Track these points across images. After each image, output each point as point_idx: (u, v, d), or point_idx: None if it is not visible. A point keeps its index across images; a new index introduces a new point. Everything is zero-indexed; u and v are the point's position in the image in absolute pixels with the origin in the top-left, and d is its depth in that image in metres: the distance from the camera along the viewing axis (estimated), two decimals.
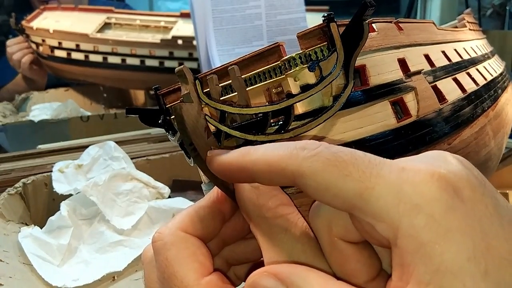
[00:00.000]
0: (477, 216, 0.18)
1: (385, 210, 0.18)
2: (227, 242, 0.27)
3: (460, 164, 0.19)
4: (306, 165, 0.19)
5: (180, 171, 0.78)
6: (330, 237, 0.21)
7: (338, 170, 0.19)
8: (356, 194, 0.19)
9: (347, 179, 0.19)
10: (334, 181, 0.19)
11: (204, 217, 0.25)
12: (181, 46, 1.24)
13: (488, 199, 0.18)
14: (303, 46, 0.25)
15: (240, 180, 0.23)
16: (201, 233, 0.25)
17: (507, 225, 0.18)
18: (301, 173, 0.19)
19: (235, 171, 0.22)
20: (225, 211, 0.26)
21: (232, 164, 0.22)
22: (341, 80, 0.24)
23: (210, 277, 0.23)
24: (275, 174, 0.20)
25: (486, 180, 0.19)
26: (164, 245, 0.24)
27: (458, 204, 0.18)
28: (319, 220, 0.22)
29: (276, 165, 0.20)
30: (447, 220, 0.17)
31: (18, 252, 0.57)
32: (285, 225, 0.23)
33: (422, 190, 0.18)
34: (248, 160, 0.21)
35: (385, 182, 0.18)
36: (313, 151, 0.20)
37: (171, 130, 0.28)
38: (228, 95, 0.26)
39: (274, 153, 0.20)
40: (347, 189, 0.19)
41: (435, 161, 0.19)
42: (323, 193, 0.19)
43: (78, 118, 1.09)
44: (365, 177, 0.19)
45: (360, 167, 0.19)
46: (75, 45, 1.28)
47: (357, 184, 0.19)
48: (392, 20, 0.31)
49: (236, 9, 0.96)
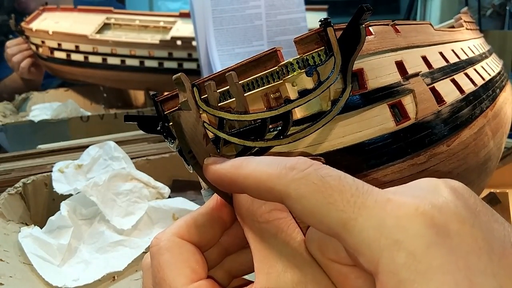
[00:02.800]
0: (463, 252, 0.17)
1: (366, 243, 0.18)
2: (229, 250, 0.27)
3: (452, 195, 0.19)
4: (293, 187, 0.19)
5: (180, 171, 0.78)
6: (324, 259, 0.21)
7: (323, 197, 0.19)
8: (340, 224, 0.18)
9: (331, 208, 0.18)
10: (318, 208, 0.19)
11: (202, 224, 0.25)
12: (180, 46, 1.24)
13: (478, 232, 0.18)
14: (301, 51, 0.25)
15: (231, 191, 0.23)
16: (199, 240, 0.25)
17: (497, 258, 0.17)
18: (288, 195, 0.19)
19: (227, 183, 0.22)
20: (225, 218, 0.26)
21: (225, 175, 0.22)
22: (339, 85, 0.25)
23: (199, 283, 0.23)
24: (263, 192, 0.20)
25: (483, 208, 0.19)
26: (158, 249, 0.24)
27: (441, 240, 0.17)
28: (311, 243, 0.22)
29: (264, 184, 0.20)
30: (428, 257, 0.17)
31: (19, 252, 0.57)
32: (276, 230, 0.23)
33: (404, 225, 0.17)
34: (240, 174, 0.21)
35: (368, 214, 0.18)
36: (301, 173, 0.19)
37: (170, 136, 0.28)
38: (226, 100, 0.26)
39: (264, 171, 0.20)
40: (331, 217, 0.18)
41: (425, 193, 0.19)
42: (308, 217, 0.19)
43: (78, 118, 1.09)
44: (349, 206, 0.18)
45: (346, 195, 0.18)
46: (75, 46, 1.28)
47: (340, 214, 0.18)
48: (389, 23, 0.31)
49: (236, 9, 0.96)
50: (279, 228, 0.23)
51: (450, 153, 0.31)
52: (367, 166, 0.25)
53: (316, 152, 0.25)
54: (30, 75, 1.41)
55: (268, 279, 0.22)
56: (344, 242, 0.19)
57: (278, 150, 0.25)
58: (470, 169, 0.32)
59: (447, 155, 0.31)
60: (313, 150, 0.25)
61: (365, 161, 0.25)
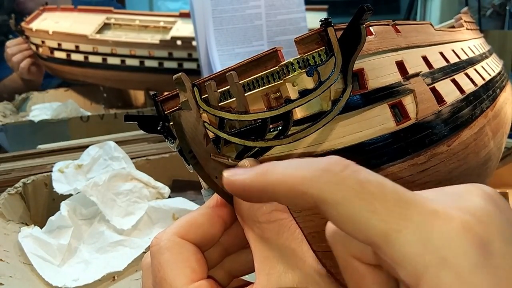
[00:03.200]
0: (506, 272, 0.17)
1: (409, 258, 0.17)
2: (229, 250, 0.27)
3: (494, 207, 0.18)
4: (329, 192, 0.18)
5: (180, 171, 0.78)
6: (345, 255, 0.20)
7: (364, 205, 0.18)
8: (381, 235, 0.17)
9: (373, 217, 0.17)
10: (358, 216, 0.18)
11: (202, 224, 0.25)
12: (180, 46, 1.24)
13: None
14: (301, 51, 0.25)
15: (259, 201, 0.21)
16: (199, 240, 0.25)
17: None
18: (323, 200, 0.18)
19: (255, 193, 0.21)
20: (225, 218, 0.26)
21: (251, 185, 0.20)
22: (340, 85, 0.24)
23: (200, 283, 0.23)
24: (295, 197, 0.19)
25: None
26: (159, 249, 0.24)
27: (487, 261, 0.17)
28: (334, 235, 0.21)
29: (297, 189, 0.19)
30: (474, 278, 0.16)
31: (19, 251, 0.57)
32: (277, 230, 0.23)
33: (451, 242, 0.17)
34: (268, 181, 0.20)
35: (414, 228, 0.17)
36: (337, 177, 0.18)
37: (170, 136, 0.28)
38: (227, 100, 0.26)
39: (295, 175, 0.19)
40: (371, 226, 0.17)
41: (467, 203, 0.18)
42: (345, 225, 0.18)
43: (78, 118, 1.09)
44: (392, 217, 0.17)
45: (388, 204, 0.18)
46: (75, 46, 1.28)
47: (383, 224, 0.17)
48: (390, 23, 0.31)
49: (236, 9, 0.96)
50: (280, 229, 0.23)
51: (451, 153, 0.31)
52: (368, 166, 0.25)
53: (316, 152, 0.25)
54: (30, 75, 1.41)
55: (269, 279, 0.22)
56: (382, 253, 0.18)
57: (278, 150, 0.25)
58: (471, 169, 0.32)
59: (447, 155, 0.31)
60: (313, 150, 0.25)
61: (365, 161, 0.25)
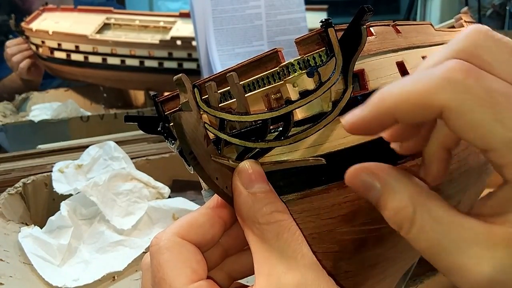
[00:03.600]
0: None
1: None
2: (229, 252, 0.27)
3: None
4: (455, 101, 0.18)
5: (180, 171, 0.78)
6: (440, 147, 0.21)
7: (491, 113, 0.18)
8: (502, 142, 0.18)
9: (498, 125, 0.18)
10: (483, 124, 0.18)
11: (202, 224, 0.25)
12: (180, 46, 1.24)
13: None
14: (301, 52, 0.25)
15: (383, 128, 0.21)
16: (199, 240, 0.25)
17: None
18: (450, 109, 0.18)
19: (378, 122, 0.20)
20: (225, 219, 0.26)
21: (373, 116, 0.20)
22: (340, 85, 0.24)
23: (199, 283, 0.23)
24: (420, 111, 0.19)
25: None
26: (158, 249, 0.24)
27: None
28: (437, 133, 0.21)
29: (422, 102, 0.19)
30: None
31: (19, 251, 0.57)
32: (277, 232, 0.23)
33: None
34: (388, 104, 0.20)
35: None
36: (462, 85, 0.18)
37: (171, 137, 0.28)
38: (227, 101, 0.26)
39: (416, 89, 0.19)
40: (495, 134, 0.18)
41: None
42: (468, 133, 0.19)
43: (78, 118, 1.09)
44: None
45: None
46: (75, 46, 1.28)
47: (507, 134, 0.18)
48: (390, 23, 0.31)
49: (236, 9, 0.96)
50: (280, 230, 0.23)
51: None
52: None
53: (317, 153, 0.25)
54: (29, 75, 1.41)
55: (269, 281, 0.22)
56: (497, 157, 0.18)
57: (279, 151, 0.25)
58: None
59: None
60: (314, 151, 0.25)
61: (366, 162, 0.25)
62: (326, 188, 0.25)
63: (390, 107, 0.20)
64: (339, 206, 0.25)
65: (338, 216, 0.26)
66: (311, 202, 0.26)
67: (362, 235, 0.26)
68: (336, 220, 0.26)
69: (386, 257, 0.28)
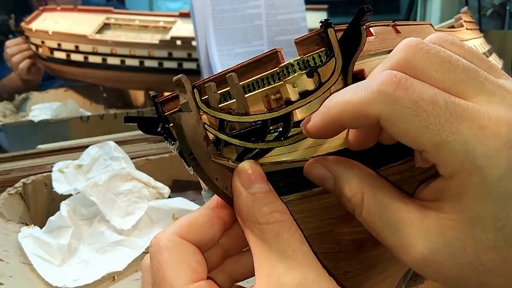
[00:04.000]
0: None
1: (451, 162, 0.20)
2: (229, 252, 0.27)
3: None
4: (386, 111, 0.21)
5: (180, 171, 0.78)
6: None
7: (418, 121, 0.20)
8: (432, 144, 0.20)
9: (426, 130, 0.20)
10: (413, 130, 0.20)
11: (202, 224, 0.25)
12: (180, 46, 1.24)
13: None
14: (301, 52, 0.25)
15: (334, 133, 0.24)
16: (199, 240, 0.25)
17: None
18: (383, 119, 0.21)
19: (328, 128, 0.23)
20: (225, 219, 0.26)
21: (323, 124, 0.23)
22: (340, 85, 0.24)
23: (200, 283, 0.23)
24: (360, 120, 0.22)
25: None
26: (159, 249, 0.24)
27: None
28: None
29: (359, 113, 0.21)
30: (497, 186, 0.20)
31: (19, 251, 0.57)
32: (277, 231, 0.23)
33: (489, 157, 0.20)
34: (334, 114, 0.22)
35: (461, 140, 0.20)
36: (391, 97, 0.21)
37: (170, 138, 0.28)
38: (227, 101, 0.26)
39: (353, 101, 0.21)
40: (425, 138, 0.20)
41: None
42: (403, 137, 0.21)
43: (78, 118, 1.09)
44: (443, 131, 0.20)
45: (441, 120, 0.20)
46: (74, 46, 1.28)
47: (435, 136, 0.20)
48: (390, 23, 0.31)
49: (236, 9, 0.96)
50: (280, 230, 0.23)
51: None
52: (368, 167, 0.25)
53: (316, 153, 0.25)
54: (29, 75, 1.41)
55: (269, 281, 0.22)
56: (431, 157, 0.21)
57: (279, 151, 0.25)
58: None
59: None
60: (314, 151, 0.25)
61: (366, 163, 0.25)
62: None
63: (335, 116, 0.22)
64: (339, 206, 0.25)
65: (338, 216, 0.26)
66: (311, 203, 0.26)
67: (362, 236, 0.26)
68: (336, 220, 0.26)
69: (386, 257, 0.28)
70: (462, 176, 0.20)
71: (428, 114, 0.20)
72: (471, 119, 0.20)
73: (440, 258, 0.21)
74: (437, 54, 0.22)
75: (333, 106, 0.22)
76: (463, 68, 0.22)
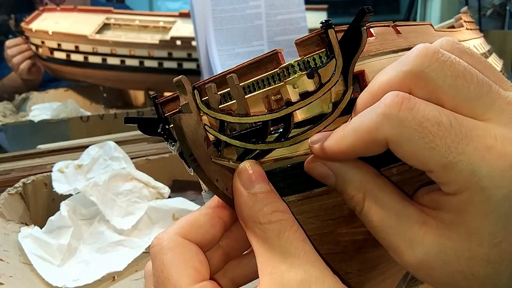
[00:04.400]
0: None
1: (458, 183, 0.21)
2: (230, 254, 0.27)
3: None
4: (394, 134, 0.21)
5: (180, 171, 0.78)
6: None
7: (425, 142, 0.20)
8: (439, 165, 0.21)
9: (433, 152, 0.20)
10: (421, 151, 0.21)
11: (203, 224, 0.25)
12: (180, 46, 1.24)
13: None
14: (301, 53, 0.25)
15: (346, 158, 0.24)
16: (200, 240, 0.25)
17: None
18: (390, 141, 0.21)
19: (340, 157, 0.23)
20: (225, 219, 0.26)
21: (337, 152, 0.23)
22: (340, 86, 0.24)
23: (204, 284, 0.23)
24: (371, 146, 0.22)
25: None
26: (161, 249, 0.24)
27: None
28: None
29: (369, 139, 0.22)
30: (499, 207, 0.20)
31: (19, 251, 0.57)
32: (279, 231, 0.23)
33: (494, 178, 0.20)
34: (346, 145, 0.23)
35: (467, 161, 0.20)
36: (396, 119, 0.21)
37: (171, 139, 0.28)
38: (227, 102, 0.26)
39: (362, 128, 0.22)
40: (432, 159, 0.21)
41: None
42: (410, 159, 0.21)
43: (78, 118, 1.09)
44: (450, 152, 0.20)
45: (447, 141, 0.20)
46: (74, 46, 1.28)
47: (442, 158, 0.20)
48: (390, 24, 0.31)
49: (236, 9, 0.96)
50: (282, 229, 0.23)
51: None
52: None
53: None
54: (29, 75, 1.41)
55: (272, 279, 0.22)
56: (437, 177, 0.21)
57: (279, 152, 0.25)
58: None
59: None
60: None
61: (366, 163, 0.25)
62: (326, 190, 0.25)
63: (349, 148, 0.23)
64: (339, 207, 0.25)
65: (338, 217, 0.26)
66: (311, 204, 0.26)
67: (362, 237, 0.26)
68: (337, 221, 0.26)
69: (386, 258, 0.28)
70: (465, 194, 0.21)
71: (433, 136, 0.20)
72: (478, 139, 0.20)
73: (433, 264, 0.22)
74: (453, 66, 0.22)
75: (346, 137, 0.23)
76: (477, 83, 0.22)
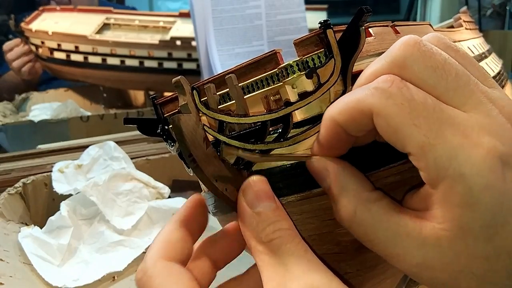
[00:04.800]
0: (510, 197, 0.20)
1: (435, 168, 0.20)
2: (218, 264, 0.27)
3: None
4: (380, 105, 0.21)
5: (180, 171, 0.78)
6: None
7: (409, 118, 0.21)
8: (418, 145, 0.20)
9: (415, 130, 0.20)
10: (402, 127, 0.21)
11: (177, 241, 0.25)
12: (180, 47, 1.24)
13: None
14: (300, 53, 0.25)
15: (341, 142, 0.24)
16: (180, 258, 0.25)
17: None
18: (376, 112, 0.21)
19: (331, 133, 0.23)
20: (193, 231, 0.26)
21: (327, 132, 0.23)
22: (339, 87, 0.24)
23: None
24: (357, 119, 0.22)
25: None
26: (148, 278, 0.24)
27: (499, 184, 0.20)
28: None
29: (355, 109, 0.22)
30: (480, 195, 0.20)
31: (19, 251, 0.57)
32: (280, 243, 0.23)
33: (473, 165, 0.20)
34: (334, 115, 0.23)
35: (446, 145, 0.20)
36: (386, 92, 0.21)
37: (170, 139, 0.28)
38: (226, 103, 0.26)
39: (352, 98, 0.22)
40: (412, 138, 0.21)
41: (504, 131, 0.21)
42: (390, 135, 0.21)
43: (78, 118, 1.09)
44: (431, 133, 0.20)
45: (429, 121, 0.20)
46: (74, 46, 1.28)
47: (422, 138, 0.20)
48: (389, 24, 0.31)
49: (236, 9, 0.96)
50: (283, 242, 0.23)
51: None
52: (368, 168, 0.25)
53: None
54: (30, 76, 1.41)
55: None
56: (414, 159, 0.21)
57: (278, 152, 0.25)
58: None
59: None
60: None
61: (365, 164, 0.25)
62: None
63: (335, 118, 0.23)
64: None
65: None
66: (311, 204, 0.26)
67: None
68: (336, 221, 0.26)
69: None
70: (446, 183, 0.20)
71: (418, 114, 0.20)
72: (457, 127, 0.20)
73: (435, 266, 0.21)
74: (433, 57, 0.22)
75: (332, 109, 0.23)
76: (455, 74, 0.22)
